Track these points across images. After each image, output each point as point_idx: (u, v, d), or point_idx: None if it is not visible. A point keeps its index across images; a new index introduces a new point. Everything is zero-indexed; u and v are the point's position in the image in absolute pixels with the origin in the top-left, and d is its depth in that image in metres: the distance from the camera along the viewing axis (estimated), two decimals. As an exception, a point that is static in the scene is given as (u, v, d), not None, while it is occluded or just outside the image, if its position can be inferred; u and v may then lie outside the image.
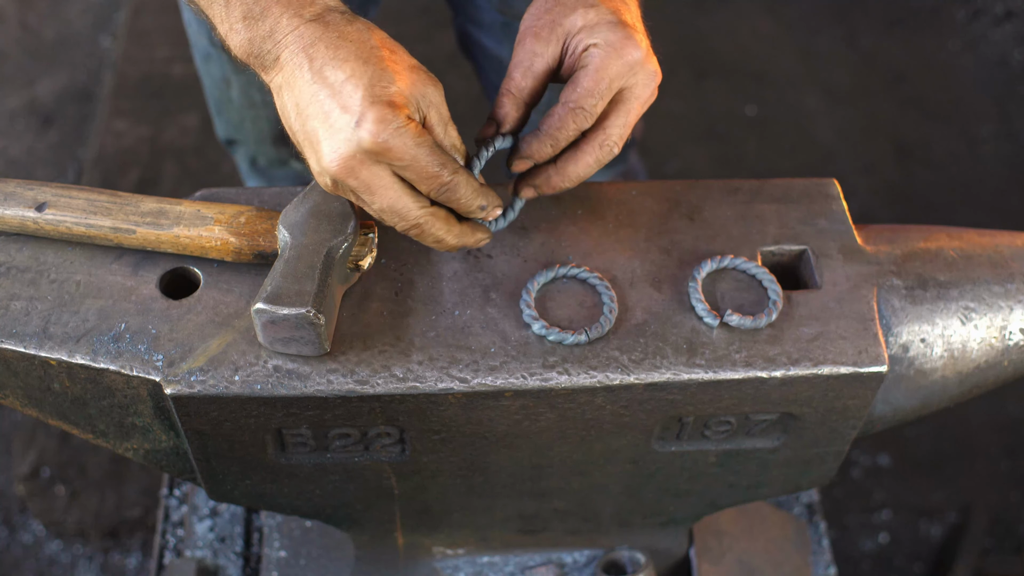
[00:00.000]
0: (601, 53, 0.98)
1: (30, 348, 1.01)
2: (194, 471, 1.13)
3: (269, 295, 0.96)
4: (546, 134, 0.99)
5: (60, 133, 2.99)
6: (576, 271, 1.06)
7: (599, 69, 0.97)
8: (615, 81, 0.98)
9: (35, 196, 1.05)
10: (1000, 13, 3.33)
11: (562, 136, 0.99)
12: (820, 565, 1.60)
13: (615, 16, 0.99)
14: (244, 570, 1.57)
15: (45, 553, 2.29)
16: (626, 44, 0.97)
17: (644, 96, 1.00)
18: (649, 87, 1.00)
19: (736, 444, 1.13)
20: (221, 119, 1.91)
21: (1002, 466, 2.45)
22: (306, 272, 0.97)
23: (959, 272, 1.12)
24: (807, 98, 3.11)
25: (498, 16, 1.62)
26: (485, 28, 1.67)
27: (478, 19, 1.68)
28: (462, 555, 1.41)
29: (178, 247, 1.04)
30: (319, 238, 1.00)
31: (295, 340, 0.98)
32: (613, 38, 0.98)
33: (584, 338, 1.01)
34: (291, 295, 0.95)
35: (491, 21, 1.65)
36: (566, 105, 0.98)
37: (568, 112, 0.98)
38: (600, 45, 0.98)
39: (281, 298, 0.95)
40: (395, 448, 1.09)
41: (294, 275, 0.97)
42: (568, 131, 0.99)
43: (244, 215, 1.04)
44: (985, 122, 3.08)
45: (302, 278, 0.97)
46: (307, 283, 0.96)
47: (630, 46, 0.97)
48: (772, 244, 1.11)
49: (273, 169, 2.00)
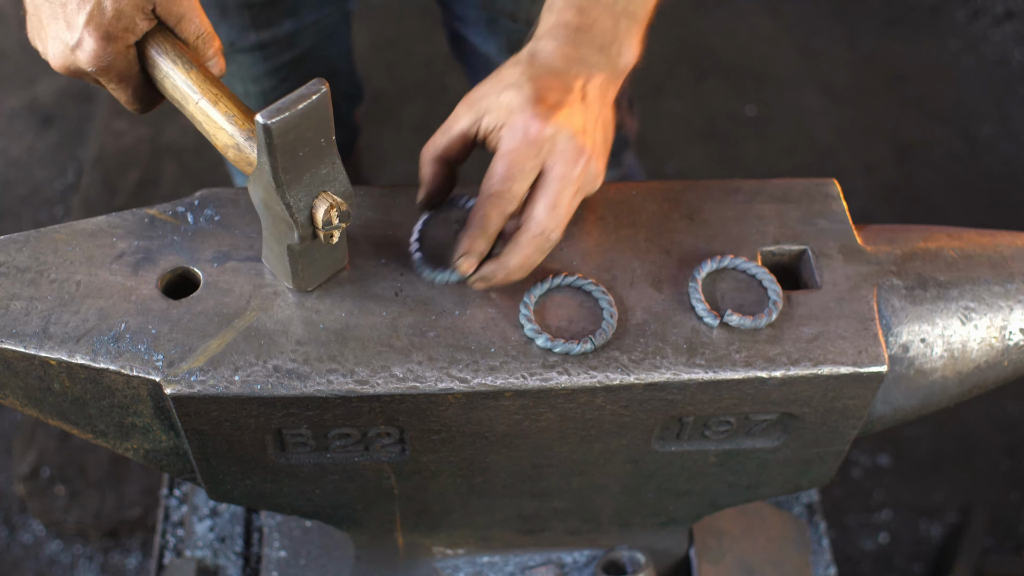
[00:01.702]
0: (507, 134, 0.98)
1: (30, 348, 1.01)
2: (194, 471, 1.13)
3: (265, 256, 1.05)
4: (474, 227, 1.00)
5: (60, 133, 2.99)
6: (571, 279, 1.06)
7: (506, 152, 0.98)
8: (526, 161, 0.98)
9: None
10: (1000, 13, 3.33)
11: (489, 225, 1.00)
12: (820, 565, 1.60)
13: (535, 95, 0.99)
14: (244, 570, 1.57)
15: (45, 553, 2.29)
16: (530, 123, 0.97)
17: (567, 173, 0.99)
18: (571, 163, 0.99)
19: (736, 444, 1.13)
20: None
21: (1002, 466, 2.45)
22: (279, 256, 1.02)
23: (959, 272, 1.12)
24: (807, 98, 3.11)
25: (481, 12, 1.63)
26: (471, 26, 1.68)
27: (464, 17, 1.69)
28: (462, 555, 1.41)
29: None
30: (277, 233, 1.00)
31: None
32: (518, 118, 0.98)
33: (590, 346, 1.01)
34: (278, 270, 1.03)
35: (476, 17, 1.66)
36: (483, 194, 0.99)
37: (486, 200, 0.99)
38: (507, 126, 0.99)
39: (272, 267, 1.04)
40: (395, 448, 1.09)
41: (274, 253, 1.03)
42: (492, 219, 0.99)
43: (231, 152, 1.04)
44: (985, 122, 3.08)
45: (280, 260, 1.02)
46: (283, 267, 1.02)
47: (533, 124, 0.97)
48: (772, 244, 1.11)
49: None
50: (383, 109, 2.99)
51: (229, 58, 1.67)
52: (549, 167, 0.99)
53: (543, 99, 0.99)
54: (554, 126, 0.98)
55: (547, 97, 0.99)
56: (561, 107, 0.99)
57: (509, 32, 1.61)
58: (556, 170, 0.99)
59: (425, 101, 3.00)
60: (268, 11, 1.60)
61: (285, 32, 1.64)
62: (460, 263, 1.02)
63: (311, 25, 1.67)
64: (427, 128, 1.08)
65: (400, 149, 2.86)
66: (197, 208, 1.11)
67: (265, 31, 1.62)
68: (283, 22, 1.63)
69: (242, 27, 1.61)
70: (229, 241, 1.09)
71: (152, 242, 1.08)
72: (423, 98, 3.01)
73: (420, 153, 1.06)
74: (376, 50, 3.13)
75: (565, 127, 0.98)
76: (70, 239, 1.09)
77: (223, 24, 1.61)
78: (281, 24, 1.63)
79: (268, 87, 1.72)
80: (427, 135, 1.06)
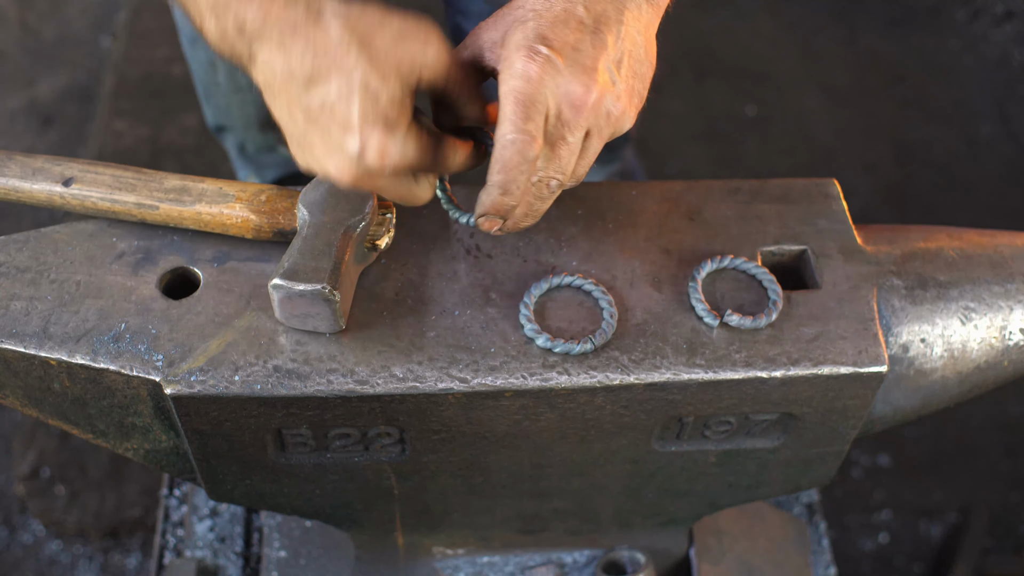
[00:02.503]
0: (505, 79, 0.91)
1: (30, 348, 1.01)
2: (194, 471, 1.13)
3: (286, 271, 0.97)
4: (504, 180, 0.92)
5: (60, 133, 2.99)
6: (570, 279, 1.06)
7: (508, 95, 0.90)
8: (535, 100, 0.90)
9: (62, 171, 1.08)
10: (1000, 13, 3.33)
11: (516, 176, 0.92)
12: (820, 565, 1.60)
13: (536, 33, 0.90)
14: (244, 570, 1.57)
15: (45, 553, 2.29)
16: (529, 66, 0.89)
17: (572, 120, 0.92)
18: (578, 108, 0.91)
19: (736, 444, 1.13)
20: (209, 105, 1.91)
21: (1002, 466, 2.45)
22: (323, 250, 0.99)
23: (959, 272, 1.12)
24: (807, 98, 3.11)
25: (484, 6, 1.63)
26: (473, 18, 1.69)
27: (467, 10, 1.69)
28: (462, 555, 1.41)
29: (200, 224, 1.06)
30: (337, 217, 1.02)
31: (311, 316, 0.99)
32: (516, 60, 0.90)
33: (590, 347, 1.01)
34: (308, 272, 0.97)
35: (478, 11, 1.66)
36: (502, 144, 0.91)
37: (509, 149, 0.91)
38: (504, 69, 0.91)
39: (298, 274, 0.97)
40: (395, 448, 1.09)
41: (311, 252, 0.99)
42: (521, 167, 0.92)
43: (265, 193, 1.06)
44: (985, 122, 3.08)
45: (319, 255, 0.99)
46: (324, 260, 0.98)
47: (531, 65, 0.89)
48: (772, 244, 1.11)
49: (262, 155, 2.00)
50: (383, 109, 2.98)
51: None
52: (551, 111, 0.91)
53: (544, 37, 0.90)
54: (550, 67, 0.89)
55: (549, 34, 0.91)
56: (558, 42, 0.90)
57: None
58: (558, 115, 0.91)
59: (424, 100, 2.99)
60: None
61: None
62: (482, 223, 0.96)
63: None
64: (427, 127, 1.07)
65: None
66: (197, 208, 1.11)
67: None
68: None
69: None
70: (229, 241, 1.09)
71: (152, 242, 1.08)
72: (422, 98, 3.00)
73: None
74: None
75: (566, 65, 0.90)
76: (70, 239, 1.09)
77: None
78: None
79: None
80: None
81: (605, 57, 0.93)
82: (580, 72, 0.91)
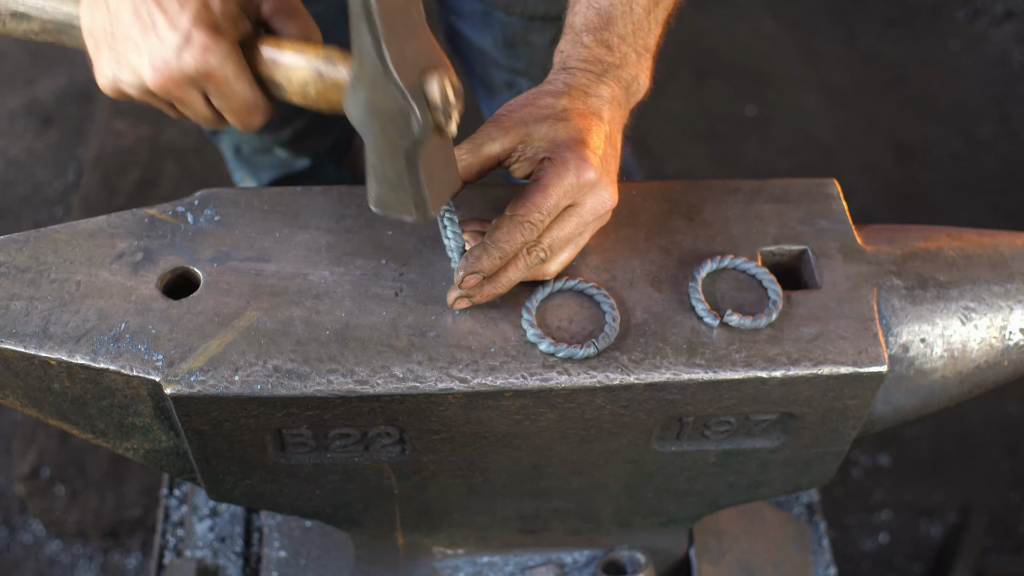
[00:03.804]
0: (553, 169, 0.98)
1: (30, 348, 1.01)
2: (194, 471, 1.13)
3: (375, 200, 0.95)
4: (494, 246, 0.98)
5: (60, 133, 2.99)
6: (572, 283, 1.06)
7: (549, 185, 0.98)
8: (563, 199, 0.98)
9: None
10: (1000, 13, 3.33)
11: (509, 249, 0.99)
12: (820, 565, 1.60)
13: (580, 135, 0.99)
14: (244, 570, 1.57)
15: (45, 553, 2.29)
16: (581, 166, 0.98)
17: (587, 217, 1.01)
18: (597, 210, 1.01)
19: (736, 444, 1.13)
20: None
21: (1002, 466, 2.45)
22: (396, 179, 0.93)
23: (959, 272, 1.12)
24: (807, 98, 3.11)
25: (477, 6, 1.63)
26: (467, 19, 1.69)
27: (460, 10, 1.69)
28: (462, 555, 1.41)
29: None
30: (391, 142, 0.91)
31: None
32: (570, 156, 0.98)
33: (593, 351, 1.01)
34: (395, 204, 0.94)
35: (471, 10, 1.66)
36: (514, 218, 0.98)
37: (516, 225, 0.98)
38: (555, 161, 0.98)
39: (388, 205, 0.95)
40: (395, 448, 1.09)
41: (387, 181, 0.93)
42: (515, 244, 0.98)
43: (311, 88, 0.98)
44: (985, 122, 3.08)
45: (396, 186, 0.93)
46: (402, 192, 0.93)
47: (584, 168, 0.98)
48: (772, 244, 1.11)
49: (257, 157, 2.00)
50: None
51: None
52: (578, 203, 1.00)
53: (589, 141, 0.99)
54: (598, 172, 0.99)
55: (591, 139, 1.00)
56: (601, 151, 1.00)
57: (504, 26, 1.62)
58: (584, 209, 1.00)
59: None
60: None
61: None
62: (468, 279, 1.00)
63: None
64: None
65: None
66: (197, 208, 1.11)
67: None
68: None
69: None
70: (229, 241, 1.09)
71: (152, 242, 1.08)
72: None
73: None
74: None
75: (606, 175, 1.00)
76: (70, 239, 1.09)
77: None
78: None
79: None
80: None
81: (614, 168, 1.03)
82: (610, 182, 1.01)
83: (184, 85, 0.95)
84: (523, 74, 1.70)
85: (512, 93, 1.74)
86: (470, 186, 1.06)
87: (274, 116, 1.01)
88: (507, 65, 1.69)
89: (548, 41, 1.62)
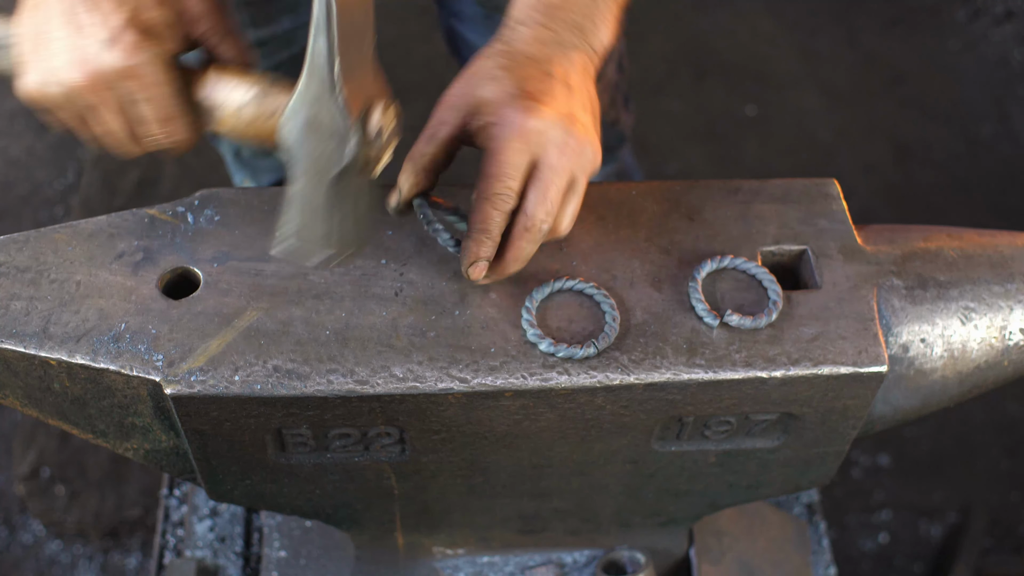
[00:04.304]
0: (498, 132, 0.96)
1: (30, 348, 1.01)
2: (194, 471, 1.13)
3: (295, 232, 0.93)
4: (478, 232, 0.98)
5: (60, 133, 2.99)
6: (572, 283, 1.06)
7: (496, 151, 0.96)
8: (519, 156, 0.96)
9: None
10: (1000, 13, 3.33)
11: (493, 228, 0.98)
12: (820, 565, 1.60)
13: (517, 87, 0.97)
14: (244, 570, 1.57)
15: (45, 553, 2.29)
16: (522, 119, 0.95)
17: (557, 163, 0.97)
18: (563, 153, 0.97)
19: (736, 444, 1.13)
20: None
21: (1002, 466, 2.45)
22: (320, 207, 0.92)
23: (959, 272, 1.12)
24: (807, 98, 3.11)
25: (479, 9, 1.63)
26: (467, 22, 1.68)
27: (460, 13, 1.69)
28: (462, 555, 1.41)
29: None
30: (321, 165, 0.92)
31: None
32: (508, 113, 0.96)
33: (593, 351, 1.01)
34: (312, 238, 0.93)
35: (472, 14, 1.66)
36: (481, 198, 0.97)
37: (486, 203, 0.97)
38: (497, 124, 0.96)
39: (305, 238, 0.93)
40: (395, 448, 1.09)
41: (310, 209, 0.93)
42: (495, 221, 0.98)
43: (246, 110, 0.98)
44: (985, 122, 3.08)
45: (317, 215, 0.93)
46: (322, 222, 0.93)
47: (526, 119, 0.95)
48: (772, 244, 1.11)
49: (257, 160, 2.00)
50: (383, 109, 2.99)
51: None
52: (540, 158, 0.97)
53: (526, 91, 0.97)
54: (541, 117, 0.96)
55: (529, 88, 0.97)
56: (545, 96, 0.97)
57: None
58: (546, 161, 0.97)
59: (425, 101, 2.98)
60: (268, 8, 1.60)
61: (284, 30, 1.64)
62: (471, 271, 1.01)
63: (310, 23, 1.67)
64: (427, 128, 1.07)
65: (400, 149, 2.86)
66: (197, 208, 1.11)
67: (264, 28, 1.63)
68: (282, 19, 1.63)
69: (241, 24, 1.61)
70: (229, 241, 1.09)
71: (152, 242, 1.08)
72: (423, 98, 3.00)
73: (405, 161, 1.03)
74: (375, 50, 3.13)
75: (552, 117, 0.96)
76: (70, 239, 1.09)
77: None
78: (280, 21, 1.63)
79: None
80: (427, 136, 1.05)
81: (577, 103, 0.99)
82: (564, 120, 0.96)
83: (104, 87, 0.93)
84: None
85: None
86: (464, 186, 1.06)
87: None
88: None
89: None
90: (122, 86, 0.93)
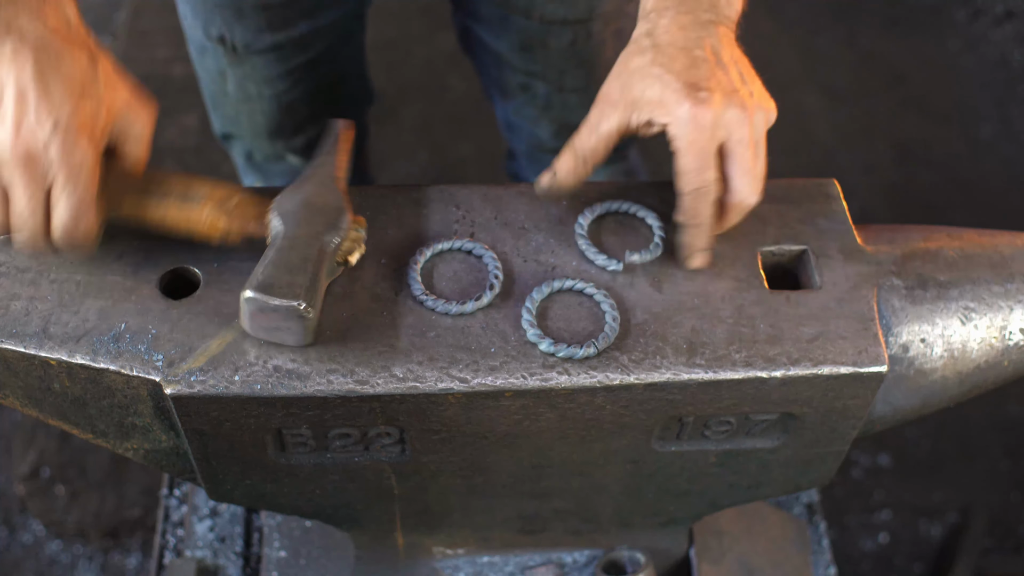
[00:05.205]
0: (678, 131, 1.00)
1: (30, 348, 1.01)
2: (194, 471, 1.13)
3: (260, 284, 0.95)
4: (693, 226, 1.04)
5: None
6: (572, 283, 1.06)
7: (686, 149, 1.00)
8: (708, 146, 1.00)
9: None
10: (1000, 13, 3.33)
11: (704, 218, 1.03)
12: (820, 565, 1.60)
13: (678, 81, 1.00)
14: (244, 570, 1.57)
15: (45, 553, 2.29)
16: (696, 111, 0.99)
17: (744, 135, 1.01)
18: (743, 126, 1.01)
19: (736, 444, 1.13)
20: (217, 114, 1.91)
21: (1002, 466, 2.45)
22: (299, 264, 0.97)
23: (959, 272, 1.12)
24: (807, 98, 3.11)
25: (496, 10, 1.62)
26: (484, 22, 1.68)
27: (477, 13, 1.68)
28: (462, 555, 1.41)
29: (163, 226, 1.03)
30: (312, 230, 1.00)
31: (281, 330, 0.98)
32: (682, 111, 0.99)
33: (593, 351, 1.01)
34: (283, 286, 0.95)
35: (489, 15, 1.65)
36: (687, 194, 1.02)
37: (694, 198, 1.02)
38: (672, 123, 1.00)
39: (273, 288, 0.95)
40: (395, 448, 1.09)
41: (286, 266, 0.97)
42: (706, 212, 1.03)
43: (236, 198, 1.04)
44: (985, 122, 3.08)
45: (294, 270, 0.97)
46: (299, 276, 0.96)
47: (700, 110, 0.99)
48: (772, 244, 1.11)
49: (269, 164, 2.00)
50: (384, 110, 2.99)
51: (243, 60, 1.66)
52: (726, 140, 1.01)
53: (688, 83, 1.00)
54: (714, 105, 0.99)
55: (690, 79, 1.00)
56: (706, 82, 1.00)
57: (521, 30, 1.61)
58: (733, 139, 1.01)
59: (425, 101, 2.99)
60: (284, 12, 1.60)
61: (300, 34, 1.64)
62: (694, 260, 1.06)
63: (326, 27, 1.67)
64: (427, 128, 1.08)
65: (401, 150, 2.86)
66: (197, 208, 1.11)
67: (281, 33, 1.62)
68: (299, 24, 1.62)
69: (258, 28, 1.61)
70: (229, 241, 1.09)
71: (152, 242, 1.08)
72: (423, 98, 3.01)
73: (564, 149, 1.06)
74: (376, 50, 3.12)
75: (723, 99, 1.00)
76: (70, 239, 1.09)
77: (238, 25, 1.60)
78: (297, 26, 1.62)
79: (281, 89, 1.71)
80: (428, 136, 1.06)
81: (734, 76, 1.03)
82: (730, 98, 1.00)
83: (35, 163, 0.94)
84: (539, 77, 1.69)
85: (527, 96, 1.73)
86: (470, 187, 1.06)
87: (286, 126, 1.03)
88: (523, 68, 1.69)
89: (565, 44, 1.61)
90: (52, 172, 0.95)
